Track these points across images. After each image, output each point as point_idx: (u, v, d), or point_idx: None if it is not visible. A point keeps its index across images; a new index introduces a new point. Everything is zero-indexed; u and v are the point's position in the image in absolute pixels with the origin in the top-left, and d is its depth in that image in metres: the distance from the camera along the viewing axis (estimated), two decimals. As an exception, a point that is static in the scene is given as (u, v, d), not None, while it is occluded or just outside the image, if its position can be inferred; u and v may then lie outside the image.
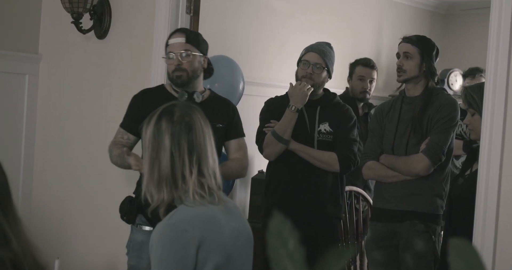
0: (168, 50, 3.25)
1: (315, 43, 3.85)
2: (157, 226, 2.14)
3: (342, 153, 3.68)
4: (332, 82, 5.39)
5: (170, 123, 2.17)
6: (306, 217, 3.66)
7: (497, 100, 2.76)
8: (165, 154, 2.16)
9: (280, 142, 3.66)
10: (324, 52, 3.77)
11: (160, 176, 2.16)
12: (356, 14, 6.21)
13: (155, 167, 2.17)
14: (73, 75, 4.40)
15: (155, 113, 2.23)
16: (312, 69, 3.74)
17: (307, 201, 3.69)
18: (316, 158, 3.68)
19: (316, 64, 3.74)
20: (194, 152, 2.16)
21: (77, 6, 4.03)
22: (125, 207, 3.21)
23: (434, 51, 3.60)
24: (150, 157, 2.18)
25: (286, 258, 1.01)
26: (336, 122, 3.74)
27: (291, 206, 3.67)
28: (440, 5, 7.09)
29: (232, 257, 2.14)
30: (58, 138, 4.47)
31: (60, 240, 4.38)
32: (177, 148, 2.15)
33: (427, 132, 3.49)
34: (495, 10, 2.77)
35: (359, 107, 4.73)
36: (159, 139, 2.17)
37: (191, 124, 2.19)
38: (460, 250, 1.01)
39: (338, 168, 3.68)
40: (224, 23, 4.94)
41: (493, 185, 2.77)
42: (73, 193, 4.36)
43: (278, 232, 1.03)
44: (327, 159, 3.68)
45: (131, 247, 3.21)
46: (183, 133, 2.17)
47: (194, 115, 2.21)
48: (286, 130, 3.65)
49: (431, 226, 3.50)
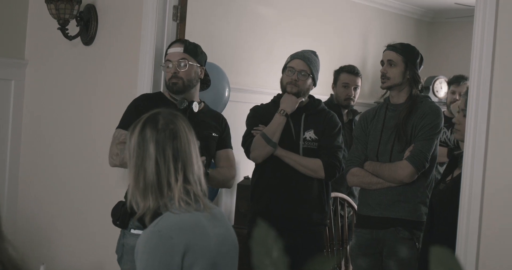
0: (166, 58, 3.40)
1: (301, 51, 3.88)
2: (142, 233, 2.15)
3: (327, 160, 3.71)
4: (318, 89, 5.42)
5: (154, 131, 2.19)
6: (292, 224, 3.68)
7: (480, 105, 2.80)
8: (150, 162, 2.17)
9: (268, 144, 3.68)
10: (310, 59, 3.80)
11: (146, 184, 2.17)
12: (342, 21, 6.25)
13: (141, 175, 2.18)
14: (59, 81, 4.40)
15: (139, 121, 2.24)
16: (297, 76, 3.77)
17: (292, 208, 3.71)
18: (301, 165, 3.70)
19: (301, 71, 3.77)
20: (179, 159, 2.18)
21: (63, 12, 4.03)
22: (118, 211, 3.21)
23: (418, 59, 3.63)
24: (135, 166, 2.19)
25: (270, 266, 1.03)
26: (321, 129, 3.77)
27: (276, 213, 3.69)
28: (426, 13, 7.15)
29: (217, 263, 2.15)
30: (44, 143, 4.47)
31: (46, 246, 4.37)
32: (162, 156, 2.17)
33: (411, 139, 3.52)
34: (478, 19, 2.81)
35: (344, 113, 4.76)
36: (144, 147, 2.18)
37: (176, 131, 2.20)
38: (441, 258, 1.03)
39: (323, 175, 3.71)
40: (210, 30, 4.96)
41: (477, 187, 2.80)
42: (59, 198, 4.36)
43: (263, 240, 1.04)
44: (313, 166, 3.70)
45: (124, 252, 3.20)
46: (168, 141, 2.18)
47: (178, 122, 2.23)
48: (275, 133, 3.69)
49: (415, 233, 3.52)
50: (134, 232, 3.17)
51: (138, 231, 3.16)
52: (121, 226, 3.21)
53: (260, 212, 3.79)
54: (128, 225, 3.19)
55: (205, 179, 2.29)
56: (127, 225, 3.19)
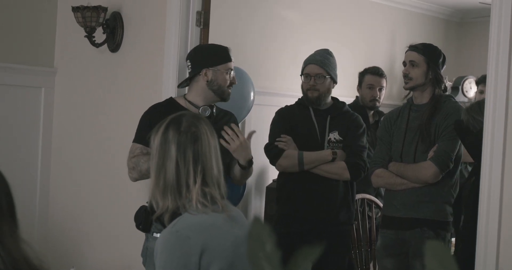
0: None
1: (313, 54, 3.91)
2: (161, 233, 2.20)
3: (351, 161, 3.72)
4: (344, 91, 5.44)
5: (177, 132, 2.23)
6: (319, 225, 3.70)
7: (498, 107, 2.79)
8: (171, 163, 2.21)
9: (298, 166, 3.73)
10: (323, 61, 3.83)
11: (166, 184, 2.21)
12: (369, 22, 6.24)
13: (161, 175, 2.22)
14: (88, 88, 4.48)
15: (163, 122, 2.29)
16: (315, 81, 3.80)
17: (320, 209, 3.73)
18: (326, 171, 3.73)
19: (317, 75, 3.80)
20: (199, 162, 2.21)
21: (90, 20, 4.11)
22: (140, 216, 3.25)
23: (440, 58, 3.62)
24: (157, 165, 2.24)
25: (263, 259, 1.05)
26: (346, 130, 3.79)
27: (303, 214, 3.72)
28: (454, 13, 7.11)
29: (235, 264, 2.18)
30: (74, 150, 4.54)
31: (75, 250, 4.44)
32: (183, 158, 2.21)
33: (435, 139, 3.51)
34: (494, 19, 2.80)
35: (370, 115, 4.76)
36: (165, 148, 2.23)
37: (198, 134, 2.24)
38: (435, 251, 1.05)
39: (348, 176, 3.73)
40: (235, 34, 5.00)
41: (495, 190, 2.79)
42: (88, 204, 4.43)
43: (257, 235, 1.07)
44: (337, 170, 3.73)
45: (148, 255, 3.24)
46: (189, 143, 2.22)
47: (201, 126, 2.27)
48: (312, 163, 3.73)
49: (440, 233, 3.51)
50: (156, 236, 3.21)
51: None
52: (143, 230, 3.25)
53: (287, 214, 3.82)
54: (151, 229, 3.24)
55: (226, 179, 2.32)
56: (150, 229, 3.23)
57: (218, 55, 3.36)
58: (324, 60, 3.84)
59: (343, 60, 5.77)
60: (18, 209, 1.56)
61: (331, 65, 3.85)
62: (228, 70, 3.33)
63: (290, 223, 3.79)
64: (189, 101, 3.35)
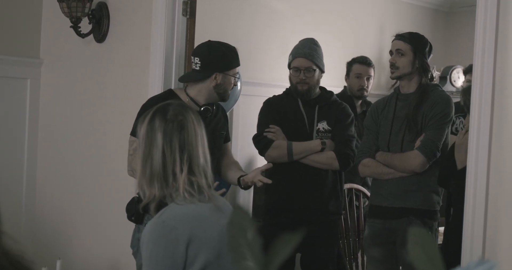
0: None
1: (300, 45, 3.88)
2: (147, 223, 2.19)
3: (341, 151, 3.73)
4: (332, 81, 5.43)
5: (163, 121, 2.22)
6: (308, 215, 3.71)
7: (484, 97, 2.78)
8: (157, 151, 2.21)
9: (288, 157, 3.74)
10: (311, 53, 3.82)
11: (152, 173, 2.21)
12: (358, 13, 6.23)
13: (148, 164, 2.22)
14: (74, 78, 4.45)
15: (150, 111, 2.28)
16: (305, 74, 3.80)
17: (308, 199, 3.74)
18: (315, 161, 3.74)
19: (307, 69, 3.80)
20: (185, 151, 2.21)
21: (75, 10, 4.07)
22: (132, 207, 3.24)
23: (427, 47, 3.62)
24: (143, 154, 2.23)
25: (245, 247, 1.04)
26: (334, 120, 3.79)
27: (292, 204, 3.72)
28: (442, 3, 7.11)
29: (221, 253, 2.18)
30: (60, 141, 4.52)
31: (63, 241, 4.43)
32: (169, 146, 2.20)
33: (422, 128, 3.51)
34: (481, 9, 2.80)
35: (357, 105, 4.77)
36: (152, 136, 2.22)
37: (184, 123, 2.23)
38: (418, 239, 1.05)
39: (338, 166, 3.74)
40: (221, 24, 4.98)
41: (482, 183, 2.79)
42: (75, 195, 4.41)
43: (239, 223, 1.06)
44: (326, 160, 3.73)
45: (139, 246, 3.23)
46: (175, 132, 2.21)
47: (187, 114, 2.26)
48: (301, 154, 3.74)
49: (427, 222, 3.52)
50: None
51: None
52: (136, 221, 3.24)
53: (275, 204, 3.82)
54: (143, 220, 3.22)
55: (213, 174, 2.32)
56: (142, 220, 3.22)
57: (231, 60, 3.34)
58: (312, 52, 3.82)
59: (332, 50, 5.76)
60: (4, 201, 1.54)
61: (319, 56, 3.84)
62: (235, 74, 3.35)
63: (278, 213, 3.79)
64: (191, 97, 3.32)
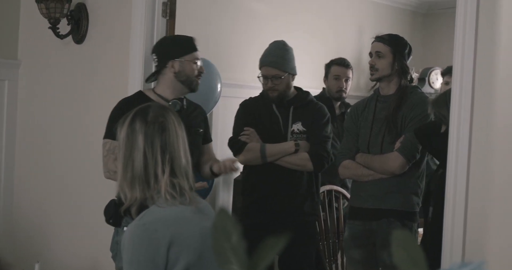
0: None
1: (267, 52, 3.86)
2: (128, 226, 2.17)
3: (314, 152, 3.74)
4: (311, 82, 5.44)
5: (144, 123, 2.21)
6: (284, 216, 3.71)
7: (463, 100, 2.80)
8: (139, 153, 2.19)
9: (261, 159, 3.75)
10: (276, 61, 3.80)
11: (133, 175, 2.19)
12: (337, 15, 6.25)
13: (129, 166, 2.20)
14: (52, 80, 4.42)
15: (130, 113, 2.27)
16: (272, 82, 3.79)
17: (284, 200, 3.75)
18: (289, 163, 3.75)
19: (274, 77, 3.79)
20: (167, 152, 2.20)
21: (54, 11, 4.05)
22: (110, 210, 3.22)
23: (406, 49, 3.63)
24: (124, 156, 2.22)
25: (229, 250, 1.04)
26: (309, 121, 3.79)
27: (268, 206, 3.72)
28: (420, 5, 7.15)
29: (203, 255, 2.17)
30: (38, 143, 4.49)
31: (41, 244, 4.39)
32: (150, 148, 2.19)
33: (401, 130, 3.53)
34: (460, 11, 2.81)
35: (336, 106, 4.79)
36: (132, 138, 2.21)
37: (165, 124, 2.22)
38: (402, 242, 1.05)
39: (311, 167, 3.75)
40: (201, 25, 4.97)
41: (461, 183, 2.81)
42: (54, 197, 4.38)
43: (223, 226, 1.06)
44: (300, 161, 3.74)
45: (118, 249, 3.22)
46: (156, 133, 2.20)
47: (168, 116, 2.25)
48: (275, 156, 3.74)
49: (407, 223, 3.53)
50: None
51: None
52: (114, 224, 3.22)
53: (252, 205, 3.83)
54: (121, 223, 3.21)
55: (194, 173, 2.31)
56: (120, 223, 3.20)
57: (183, 45, 3.33)
58: (278, 60, 3.80)
59: (312, 52, 5.79)
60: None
61: (285, 61, 3.81)
62: (194, 60, 3.30)
63: (255, 214, 3.79)
64: (158, 94, 3.31)
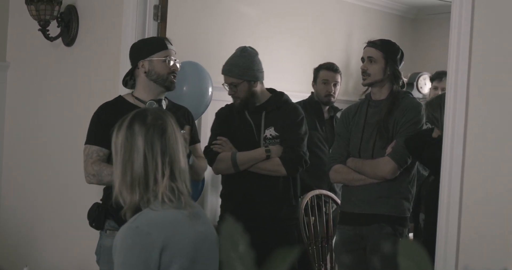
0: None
1: (228, 59, 3.86)
2: (120, 229, 2.15)
3: (286, 156, 3.73)
4: (300, 86, 5.45)
5: (143, 125, 2.20)
6: (260, 222, 3.69)
7: (458, 104, 2.80)
8: (138, 156, 2.18)
9: (233, 168, 3.75)
10: (230, 69, 3.80)
11: (133, 178, 2.17)
12: (327, 19, 6.26)
13: (128, 170, 2.18)
14: (41, 82, 4.39)
15: (127, 117, 2.25)
16: (231, 89, 3.81)
17: (259, 206, 3.74)
18: (262, 169, 3.75)
19: (230, 85, 3.80)
20: (167, 154, 2.19)
21: (44, 13, 4.02)
22: (93, 213, 3.22)
23: (398, 55, 3.63)
24: (123, 160, 2.19)
25: (236, 260, 1.03)
26: (282, 124, 3.78)
27: (244, 211, 3.69)
28: (409, 10, 7.17)
29: (197, 260, 2.15)
30: (27, 145, 4.45)
31: (29, 248, 4.36)
32: (151, 150, 2.18)
33: (393, 135, 3.53)
34: (455, 16, 2.81)
35: (325, 110, 4.80)
36: (132, 141, 2.19)
37: (165, 127, 2.22)
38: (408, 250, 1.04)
39: (285, 172, 3.74)
40: (194, 29, 4.96)
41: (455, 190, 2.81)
42: (41, 201, 4.35)
43: (229, 235, 1.05)
44: (272, 167, 3.73)
45: (101, 253, 3.21)
46: (156, 135, 2.19)
47: (166, 119, 2.25)
48: (246, 164, 3.74)
49: (398, 228, 3.53)
50: (110, 233, 3.18)
51: (115, 232, 3.16)
52: (97, 227, 3.21)
53: (229, 211, 3.83)
54: (104, 226, 3.20)
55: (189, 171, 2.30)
56: (103, 226, 3.20)
57: (151, 45, 3.32)
58: (232, 68, 3.79)
59: (301, 55, 5.79)
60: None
61: (240, 69, 3.78)
62: (165, 58, 3.27)
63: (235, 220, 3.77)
64: (136, 97, 3.29)
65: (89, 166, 3.16)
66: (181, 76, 3.65)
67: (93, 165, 3.14)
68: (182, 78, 3.81)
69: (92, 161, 3.15)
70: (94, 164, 3.15)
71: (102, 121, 3.20)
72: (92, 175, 3.14)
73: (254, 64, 3.81)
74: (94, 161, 3.15)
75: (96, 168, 3.14)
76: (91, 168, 3.14)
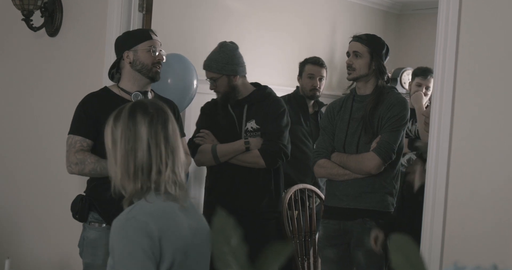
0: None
1: (209, 54, 3.91)
2: (115, 221, 2.11)
3: (265, 148, 3.77)
4: (285, 81, 5.44)
5: (145, 114, 2.17)
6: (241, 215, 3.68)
7: (444, 99, 2.81)
8: (142, 144, 2.15)
9: (214, 160, 3.79)
10: (208, 64, 3.86)
11: (136, 167, 2.14)
12: (311, 13, 6.24)
13: (131, 159, 2.14)
14: (25, 73, 4.34)
15: (123, 108, 2.21)
16: (212, 84, 3.86)
17: (240, 199, 3.78)
18: (242, 161, 3.79)
19: (211, 79, 3.85)
20: (169, 144, 2.17)
21: (27, 3, 3.98)
22: (76, 205, 3.20)
23: (383, 49, 3.64)
24: (125, 150, 2.15)
25: (229, 254, 1.02)
26: (263, 117, 3.81)
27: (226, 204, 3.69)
28: (394, 5, 7.18)
29: (189, 253, 2.14)
30: (8, 137, 4.41)
31: (11, 240, 4.32)
32: (154, 138, 2.15)
33: (377, 130, 3.53)
34: (442, 12, 2.81)
35: (310, 105, 4.80)
36: (134, 130, 2.15)
37: (166, 117, 2.20)
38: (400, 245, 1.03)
39: (264, 164, 3.77)
40: (178, 21, 4.93)
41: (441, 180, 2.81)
42: (22, 193, 4.31)
43: (221, 229, 1.04)
44: (251, 159, 3.77)
45: (85, 245, 3.19)
46: (159, 125, 2.17)
47: (166, 109, 2.24)
48: (227, 156, 3.78)
49: (382, 223, 3.54)
50: (94, 225, 3.16)
51: (98, 224, 3.15)
52: (80, 219, 3.20)
53: (211, 203, 3.85)
54: (88, 219, 3.18)
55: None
56: (86, 219, 3.18)
57: (136, 36, 3.32)
58: (210, 63, 3.86)
59: (286, 49, 5.78)
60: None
61: (218, 64, 3.83)
62: (150, 48, 3.26)
63: (213, 213, 3.77)
64: (121, 88, 3.28)
65: (72, 155, 3.14)
66: (166, 69, 3.64)
67: (76, 154, 3.13)
68: (167, 70, 3.80)
69: (75, 151, 3.14)
70: (77, 153, 3.13)
71: (87, 112, 3.19)
72: (75, 164, 3.13)
73: (233, 58, 3.84)
74: (77, 150, 3.13)
75: (80, 156, 3.12)
76: (74, 157, 3.13)
